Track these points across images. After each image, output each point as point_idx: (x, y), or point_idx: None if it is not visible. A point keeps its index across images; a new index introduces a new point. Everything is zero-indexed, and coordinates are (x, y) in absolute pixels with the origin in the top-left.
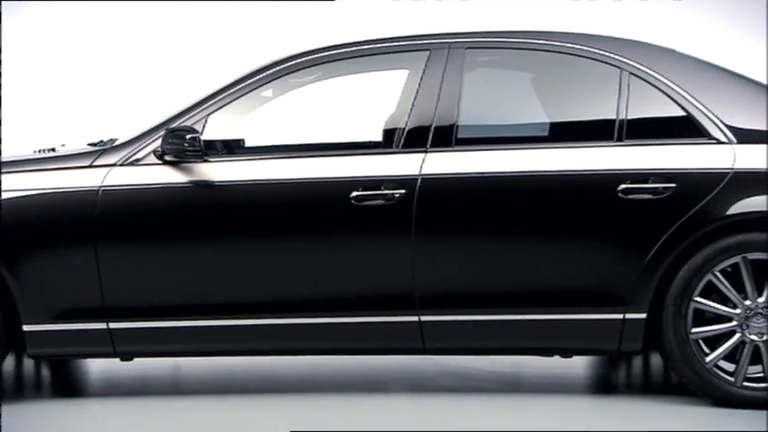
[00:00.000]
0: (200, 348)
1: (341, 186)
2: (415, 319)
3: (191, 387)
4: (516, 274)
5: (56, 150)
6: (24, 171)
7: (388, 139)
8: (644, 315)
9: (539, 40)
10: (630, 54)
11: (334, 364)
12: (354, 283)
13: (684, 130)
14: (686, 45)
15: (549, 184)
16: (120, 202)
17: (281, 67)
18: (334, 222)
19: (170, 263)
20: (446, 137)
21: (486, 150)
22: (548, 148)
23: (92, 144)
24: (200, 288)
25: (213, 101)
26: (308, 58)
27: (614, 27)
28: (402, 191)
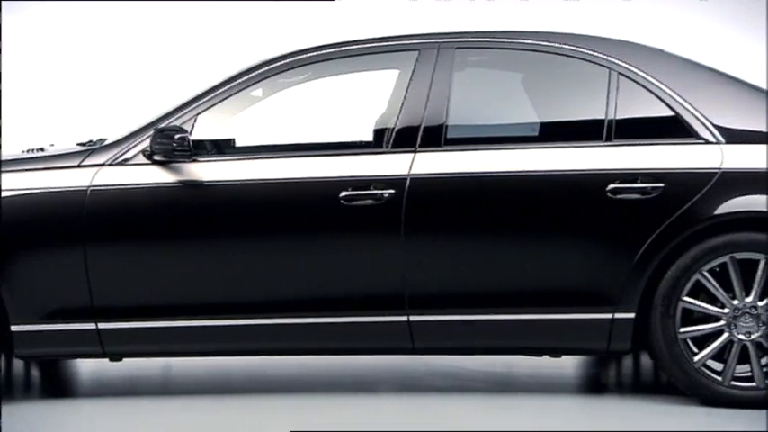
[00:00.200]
0: (188, 348)
1: (330, 186)
2: (404, 318)
3: (181, 387)
4: (505, 274)
5: (44, 150)
6: (13, 171)
7: (378, 139)
8: (632, 315)
9: (528, 41)
10: (619, 54)
11: (324, 365)
12: (343, 283)
13: (673, 130)
14: (686, 45)
15: (538, 184)
16: (109, 202)
17: (270, 66)
18: (324, 222)
19: (159, 263)
20: (435, 137)
21: (476, 150)
22: (537, 148)
23: (81, 144)
24: (188, 288)
25: (202, 101)
26: (297, 57)
27: (613, 27)
28: (391, 191)
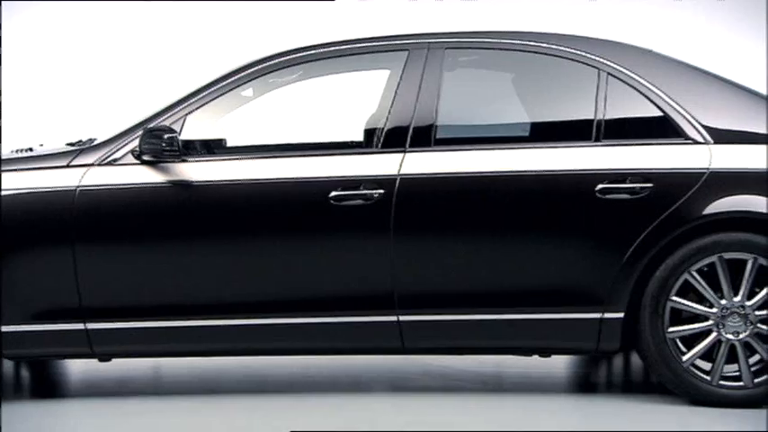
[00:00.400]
0: (178, 349)
1: (320, 186)
2: (393, 318)
3: (173, 388)
4: (494, 274)
5: (33, 150)
6: (1, 171)
7: (368, 140)
8: (621, 314)
9: (517, 41)
10: (608, 54)
11: (314, 365)
12: (333, 283)
13: (661, 130)
14: (686, 46)
15: (527, 184)
16: (98, 202)
17: (260, 66)
18: (313, 222)
19: (148, 263)
20: (425, 137)
21: (465, 150)
22: (526, 149)
23: (70, 144)
24: (177, 288)
25: (191, 101)
26: (287, 57)
27: (613, 27)
28: (381, 191)
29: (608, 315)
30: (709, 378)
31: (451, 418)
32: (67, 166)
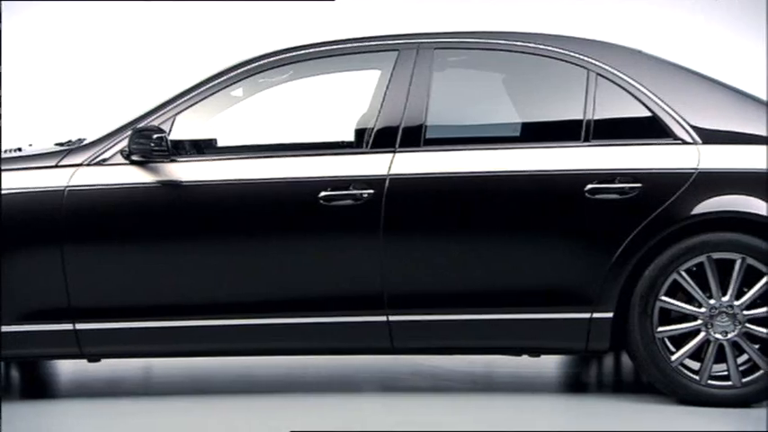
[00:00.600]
0: (167, 349)
1: (309, 186)
2: (383, 318)
3: (163, 388)
4: (484, 274)
5: (22, 150)
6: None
7: (359, 140)
8: (611, 314)
9: (507, 41)
10: (597, 55)
11: (304, 365)
12: (323, 283)
13: (650, 130)
14: (686, 46)
15: (517, 185)
16: (87, 202)
17: (249, 66)
18: (303, 222)
19: (136, 263)
20: (414, 137)
21: (454, 150)
22: (515, 149)
23: (59, 144)
24: (166, 289)
25: (181, 100)
26: (277, 57)
27: (613, 27)
28: (370, 191)
29: (597, 315)
30: (697, 378)
31: (441, 418)
32: (56, 166)
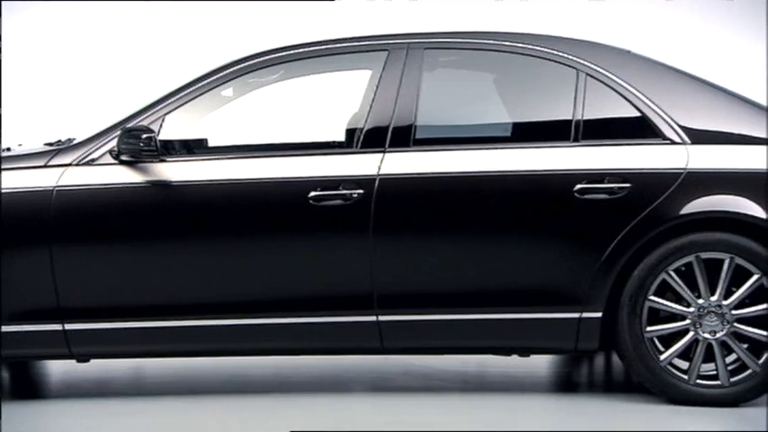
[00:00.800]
0: (156, 349)
1: (299, 186)
2: (373, 318)
3: (154, 388)
4: (473, 274)
5: (11, 150)
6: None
7: (349, 140)
8: (600, 314)
9: (496, 41)
10: (586, 55)
11: (293, 365)
12: (312, 283)
13: (639, 130)
14: (685, 46)
15: (506, 185)
16: (76, 202)
17: (239, 66)
18: (293, 222)
19: (125, 264)
20: (404, 137)
21: (444, 151)
22: (504, 149)
23: (48, 144)
24: (155, 289)
25: (170, 100)
26: (267, 57)
27: (612, 28)
28: (360, 191)
29: (586, 315)
30: (686, 377)
31: (432, 418)
32: (45, 166)
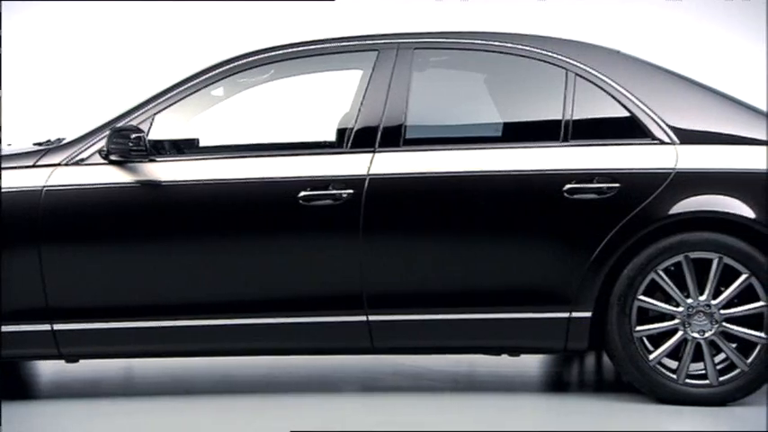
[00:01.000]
0: (145, 350)
1: (289, 186)
2: (363, 318)
3: (143, 389)
4: (463, 274)
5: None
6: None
7: (339, 140)
8: (589, 314)
9: (486, 41)
10: (576, 55)
11: (283, 365)
12: (303, 283)
13: (628, 130)
14: (685, 47)
15: (495, 185)
16: (64, 202)
17: (229, 66)
18: (282, 222)
19: (114, 264)
20: (394, 137)
21: (434, 150)
22: (494, 149)
23: (37, 143)
24: (145, 289)
25: (160, 100)
26: (257, 57)
27: (612, 28)
28: (350, 191)
29: (576, 314)
30: (675, 377)
31: (423, 418)
32: (34, 165)
